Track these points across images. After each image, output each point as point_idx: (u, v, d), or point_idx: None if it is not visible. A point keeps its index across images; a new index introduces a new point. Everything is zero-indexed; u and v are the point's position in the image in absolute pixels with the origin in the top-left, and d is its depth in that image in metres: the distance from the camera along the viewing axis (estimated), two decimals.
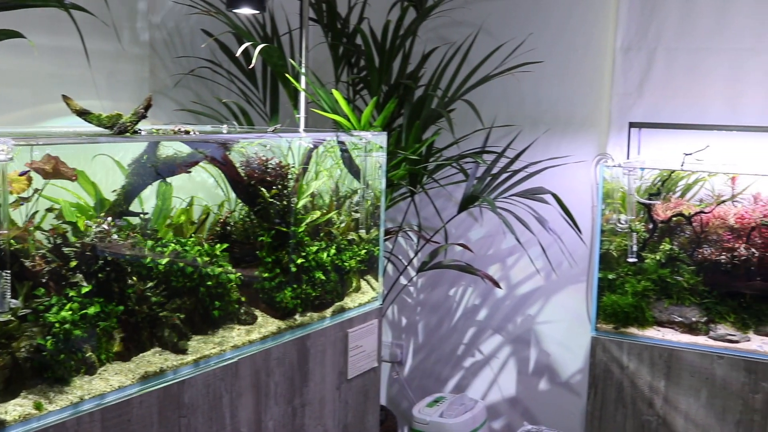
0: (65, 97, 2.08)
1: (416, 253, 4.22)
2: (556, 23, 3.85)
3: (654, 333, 3.17)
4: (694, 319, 3.16)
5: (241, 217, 2.66)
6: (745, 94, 3.46)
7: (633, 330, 3.20)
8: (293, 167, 2.69)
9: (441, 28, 4.04)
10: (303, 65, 3.42)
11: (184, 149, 2.36)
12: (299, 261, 2.67)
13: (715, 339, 3.09)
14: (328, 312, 2.79)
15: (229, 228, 2.63)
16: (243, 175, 2.57)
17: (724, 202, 3.27)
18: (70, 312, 1.93)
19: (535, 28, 3.84)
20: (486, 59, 3.67)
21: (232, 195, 2.64)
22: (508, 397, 4.21)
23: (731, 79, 3.49)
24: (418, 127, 3.43)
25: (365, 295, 3.00)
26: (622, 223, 3.25)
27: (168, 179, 2.38)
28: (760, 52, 3.43)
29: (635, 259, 3.27)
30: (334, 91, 3.14)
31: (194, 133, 2.32)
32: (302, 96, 3.42)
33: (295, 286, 2.65)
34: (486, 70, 3.64)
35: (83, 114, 2.06)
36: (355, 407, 2.93)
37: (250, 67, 3.55)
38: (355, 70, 3.87)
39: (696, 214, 3.24)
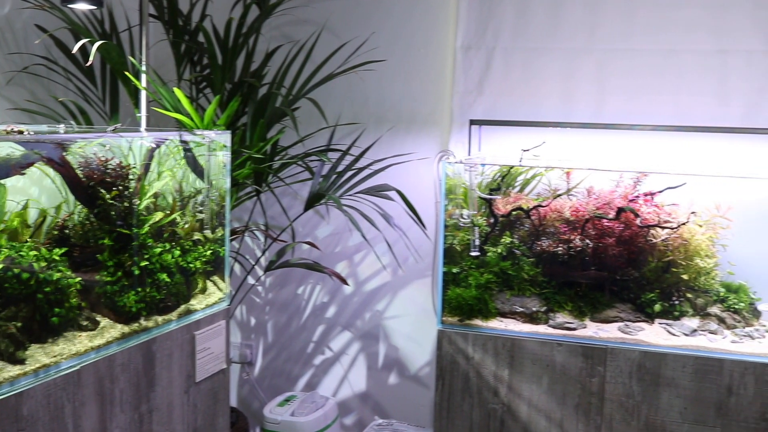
0: None
1: (263, 252, 4.20)
2: (397, 22, 3.91)
3: (497, 324, 3.27)
4: (534, 309, 3.28)
5: (80, 219, 2.58)
6: (577, 91, 3.61)
7: (477, 322, 3.28)
8: (134, 167, 2.62)
9: (284, 26, 4.03)
10: (143, 63, 3.34)
11: (18, 150, 2.26)
12: (142, 263, 2.61)
13: (554, 327, 3.22)
14: (174, 315, 2.73)
15: (67, 231, 2.54)
16: (81, 176, 2.48)
17: (560, 195, 3.40)
18: None
19: (377, 27, 3.89)
20: (329, 58, 3.69)
21: (71, 197, 2.55)
22: (359, 393, 4.25)
23: (564, 77, 3.63)
24: (263, 125, 3.41)
25: (212, 296, 2.96)
26: (464, 218, 3.34)
27: (1, 181, 2.27)
28: (591, 51, 3.58)
29: (478, 253, 3.36)
30: (176, 89, 3.08)
31: (29, 133, 2.23)
32: (143, 94, 3.34)
33: (138, 289, 2.59)
34: (330, 69, 3.66)
35: None
36: (205, 410, 2.89)
37: (88, 64, 3.44)
38: (197, 68, 3.81)
39: (534, 207, 3.35)
